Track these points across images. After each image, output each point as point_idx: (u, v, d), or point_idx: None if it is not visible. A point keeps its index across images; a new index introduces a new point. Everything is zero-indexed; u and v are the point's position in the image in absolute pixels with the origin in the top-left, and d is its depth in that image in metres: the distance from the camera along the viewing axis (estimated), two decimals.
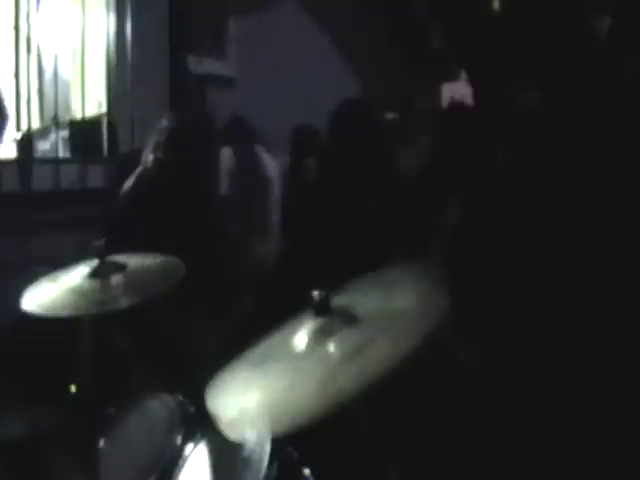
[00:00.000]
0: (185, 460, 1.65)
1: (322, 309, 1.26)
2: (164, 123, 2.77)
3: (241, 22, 4.42)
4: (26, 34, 3.75)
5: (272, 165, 3.83)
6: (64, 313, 1.88)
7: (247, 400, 1.28)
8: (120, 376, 2.10)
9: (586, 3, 2.65)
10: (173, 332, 2.38)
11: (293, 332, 1.31)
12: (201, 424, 1.68)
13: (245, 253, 3.00)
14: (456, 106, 3.33)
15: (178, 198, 2.66)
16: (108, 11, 3.99)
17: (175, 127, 2.77)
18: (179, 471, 1.63)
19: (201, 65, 4.20)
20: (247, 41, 4.39)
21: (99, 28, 4.03)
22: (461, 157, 2.77)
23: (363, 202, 2.61)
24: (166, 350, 2.30)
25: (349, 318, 1.27)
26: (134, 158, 2.86)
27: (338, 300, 1.30)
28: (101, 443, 1.82)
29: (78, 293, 1.92)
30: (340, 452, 1.85)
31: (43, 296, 1.98)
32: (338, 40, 4.91)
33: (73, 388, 2.23)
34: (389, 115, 3.21)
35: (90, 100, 4.04)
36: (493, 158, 2.69)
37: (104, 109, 4.00)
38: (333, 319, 1.26)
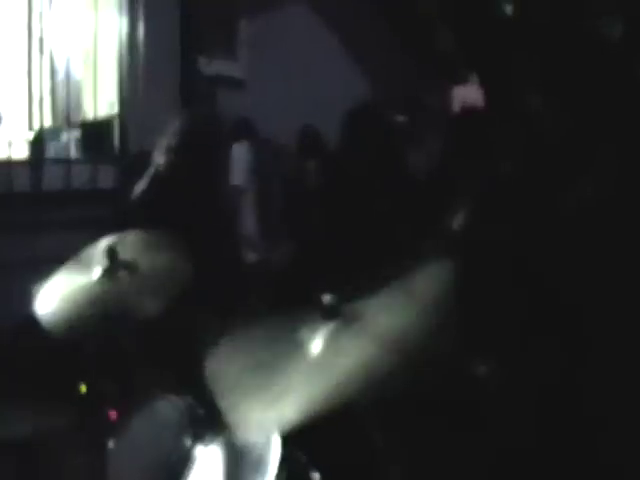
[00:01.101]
0: (194, 462, 1.65)
1: (332, 314, 1.26)
2: (176, 125, 2.78)
3: (252, 24, 4.43)
4: (39, 35, 3.77)
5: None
6: (74, 313, 1.89)
7: (257, 403, 1.28)
8: (129, 377, 2.11)
9: (598, 6, 2.64)
10: (182, 333, 2.38)
11: (303, 336, 1.31)
12: (210, 426, 1.68)
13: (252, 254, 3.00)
14: (467, 110, 3.33)
15: (190, 200, 2.67)
16: (120, 13, 4.01)
17: (187, 129, 2.77)
18: (188, 473, 1.63)
19: (212, 66, 4.21)
20: (258, 43, 4.40)
21: (111, 29, 4.04)
22: (473, 161, 2.76)
23: (372, 203, 2.60)
24: (175, 351, 2.30)
25: (358, 323, 1.26)
26: (144, 159, 2.86)
27: (347, 305, 1.29)
28: (110, 444, 1.83)
29: (85, 292, 1.93)
30: (350, 458, 1.85)
31: (53, 296, 1.98)
32: (348, 42, 4.91)
33: (81, 388, 2.23)
34: (400, 117, 3.21)
35: (102, 101, 4.05)
36: (504, 162, 2.68)
37: (115, 110, 4.01)
38: (343, 324, 1.26)
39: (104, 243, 2.05)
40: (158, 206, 2.73)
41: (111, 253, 2.01)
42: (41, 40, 3.77)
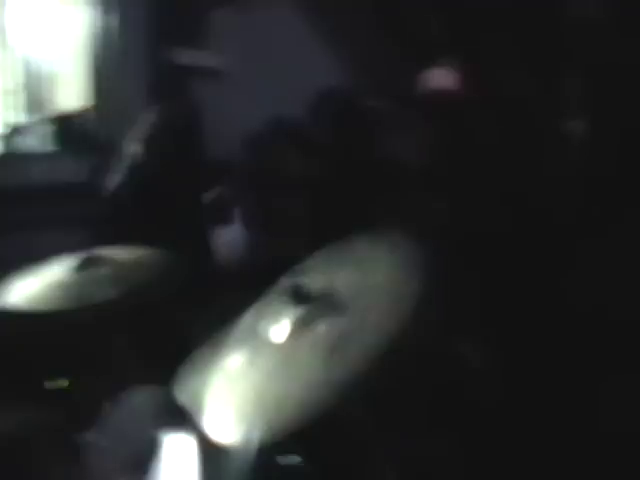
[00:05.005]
0: (170, 453, 1.65)
1: (298, 297, 1.25)
2: (150, 116, 2.77)
3: (226, 12, 4.40)
4: (9, 28, 3.73)
5: None
6: (49, 307, 1.88)
7: (232, 394, 1.28)
8: (109, 370, 2.10)
9: None
10: (161, 324, 2.38)
11: (273, 321, 1.29)
12: (187, 417, 1.67)
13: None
14: (443, 94, 3.32)
15: (165, 193, 2.66)
16: (92, 3, 3.97)
17: (160, 122, 2.76)
18: (165, 464, 1.63)
19: (186, 56, 4.18)
20: (232, 31, 4.37)
21: (83, 21, 4.01)
22: (448, 145, 2.76)
23: (348, 188, 2.60)
24: (154, 342, 2.29)
25: (329, 303, 1.25)
26: (120, 151, 2.85)
27: (312, 283, 1.27)
28: (87, 436, 1.82)
29: (62, 287, 1.93)
30: (330, 440, 1.84)
31: (27, 290, 1.98)
32: (325, 29, 4.89)
33: (61, 382, 2.22)
34: (375, 103, 3.20)
35: (75, 94, 4.03)
36: (482, 146, 2.68)
37: (89, 103, 3.98)
38: (313, 306, 1.25)
39: None
40: (134, 198, 2.72)
41: (85, 245, 2.02)
42: (11, 33, 3.74)
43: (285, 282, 1.27)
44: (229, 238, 3.17)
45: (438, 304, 1.33)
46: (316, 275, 1.32)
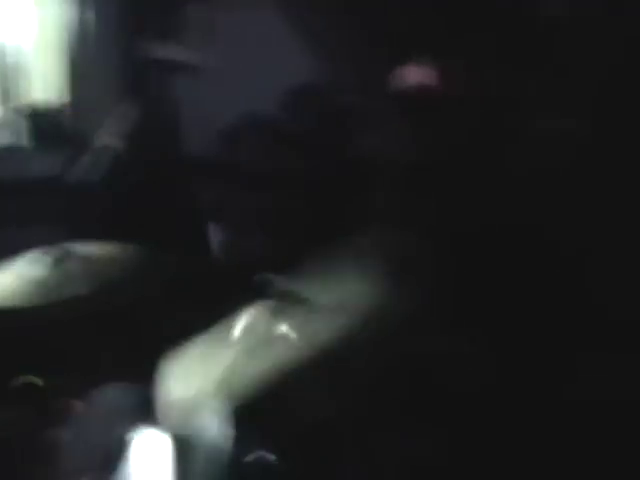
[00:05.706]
0: (143, 450, 1.63)
1: (268, 292, 1.26)
2: (128, 112, 2.77)
3: (201, 6, 4.39)
4: None
5: None
6: (19, 303, 1.86)
7: (204, 383, 1.28)
8: (80, 367, 2.08)
9: None
10: (136, 322, 2.36)
11: (245, 315, 1.30)
12: (161, 414, 1.66)
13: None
14: (423, 90, 3.33)
15: (147, 188, 2.67)
16: None
17: (142, 117, 2.77)
18: (137, 462, 1.62)
19: (163, 52, 4.17)
20: (208, 26, 4.36)
21: (59, 15, 3.98)
22: (426, 142, 2.77)
23: (322, 186, 2.61)
24: (130, 339, 2.28)
25: (298, 300, 1.26)
26: (91, 146, 2.84)
27: (285, 284, 1.29)
28: (60, 434, 1.81)
29: (34, 283, 1.91)
30: (307, 439, 1.84)
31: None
32: (304, 25, 4.88)
33: (29, 381, 2.20)
34: (352, 99, 3.20)
35: (49, 88, 4.00)
36: (460, 143, 2.69)
37: (64, 98, 3.96)
38: (282, 302, 1.26)
39: None
40: (113, 193, 2.72)
41: (60, 240, 2.01)
42: None
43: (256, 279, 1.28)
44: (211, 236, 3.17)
45: (423, 302, 1.33)
46: (288, 276, 1.33)
